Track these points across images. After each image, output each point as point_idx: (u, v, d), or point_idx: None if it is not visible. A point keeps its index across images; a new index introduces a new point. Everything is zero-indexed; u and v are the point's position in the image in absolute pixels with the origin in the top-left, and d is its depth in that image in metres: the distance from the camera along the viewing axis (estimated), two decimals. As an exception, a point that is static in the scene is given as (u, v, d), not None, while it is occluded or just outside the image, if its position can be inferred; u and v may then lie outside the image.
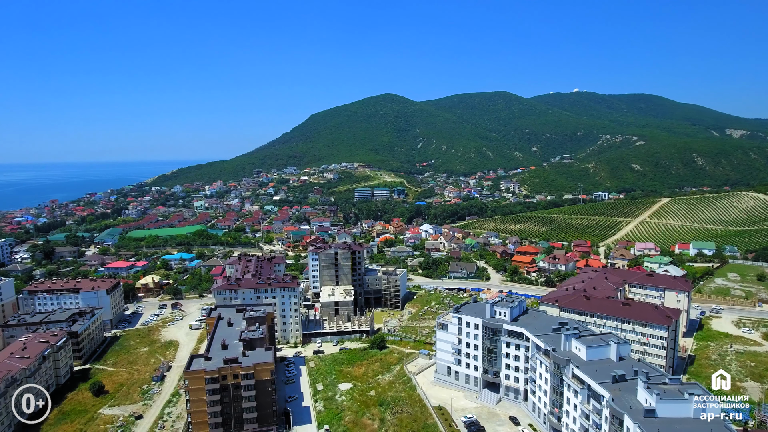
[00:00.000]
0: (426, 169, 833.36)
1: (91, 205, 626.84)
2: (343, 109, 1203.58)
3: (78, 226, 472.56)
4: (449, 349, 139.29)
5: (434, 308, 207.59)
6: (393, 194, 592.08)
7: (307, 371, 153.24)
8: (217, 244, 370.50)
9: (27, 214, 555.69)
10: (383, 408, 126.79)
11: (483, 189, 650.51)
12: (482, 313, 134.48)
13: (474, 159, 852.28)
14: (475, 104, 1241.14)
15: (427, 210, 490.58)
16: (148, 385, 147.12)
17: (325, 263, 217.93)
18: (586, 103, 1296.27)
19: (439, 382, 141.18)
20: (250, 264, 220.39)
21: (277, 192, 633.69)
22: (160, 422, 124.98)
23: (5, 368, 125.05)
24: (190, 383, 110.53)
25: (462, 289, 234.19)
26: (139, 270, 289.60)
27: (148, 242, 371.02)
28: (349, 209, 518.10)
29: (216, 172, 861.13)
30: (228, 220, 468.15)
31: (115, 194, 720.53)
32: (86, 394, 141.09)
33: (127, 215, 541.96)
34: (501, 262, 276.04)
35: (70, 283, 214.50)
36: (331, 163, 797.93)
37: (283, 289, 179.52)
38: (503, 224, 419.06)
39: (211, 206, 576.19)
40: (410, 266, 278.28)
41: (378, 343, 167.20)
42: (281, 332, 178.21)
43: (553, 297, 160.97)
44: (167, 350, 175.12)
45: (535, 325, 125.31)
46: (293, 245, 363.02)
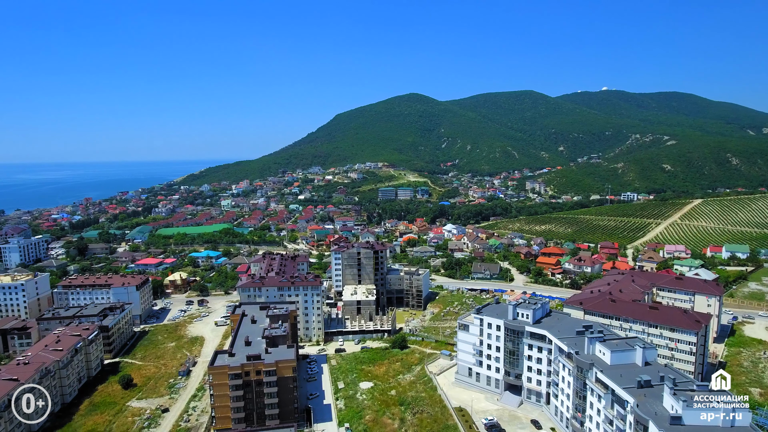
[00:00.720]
0: (450, 168, 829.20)
1: (123, 203, 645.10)
2: (368, 109, 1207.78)
3: (110, 224, 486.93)
4: (470, 350, 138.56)
5: (456, 309, 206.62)
6: (417, 194, 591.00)
7: (328, 369, 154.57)
8: (242, 242, 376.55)
9: (63, 211, 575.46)
10: (403, 408, 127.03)
11: (508, 189, 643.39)
12: (504, 314, 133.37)
13: (499, 159, 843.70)
14: (500, 103, 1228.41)
15: (451, 210, 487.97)
16: (175, 379, 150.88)
17: (347, 262, 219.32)
18: (615, 101, 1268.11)
19: (460, 383, 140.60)
20: (274, 262, 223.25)
21: (302, 191, 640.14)
22: (186, 416, 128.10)
23: (40, 360, 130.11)
24: (214, 378, 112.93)
25: (485, 290, 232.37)
26: (167, 267, 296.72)
27: (176, 240, 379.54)
28: (372, 209, 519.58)
29: (243, 171, 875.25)
30: (254, 219, 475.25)
31: (146, 193, 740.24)
32: (116, 386, 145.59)
33: (157, 213, 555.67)
34: (525, 264, 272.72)
35: (101, 279, 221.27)
36: (356, 162, 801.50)
37: (306, 288, 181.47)
38: (528, 225, 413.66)
39: (237, 205, 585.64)
40: (433, 266, 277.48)
41: (399, 343, 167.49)
42: (304, 330, 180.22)
43: (578, 299, 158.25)
44: (193, 346, 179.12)
45: (559, 328, 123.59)
46: (317, 244, 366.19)
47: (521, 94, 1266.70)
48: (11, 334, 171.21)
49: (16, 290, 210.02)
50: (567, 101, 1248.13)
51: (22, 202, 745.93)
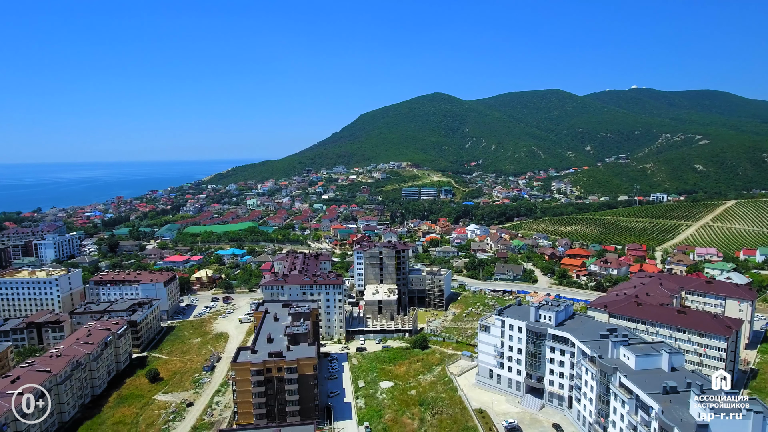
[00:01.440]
0: (474, 168, 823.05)
1: (153, 201, 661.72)
2: (392, 109, 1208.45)
3: (140, 222, 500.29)
4: (492, 351, 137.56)
5: (478, 310, 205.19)
6: (440, 194, 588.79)
7: (349, 368, 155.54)
8: (267, 240, 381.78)
9: (95, 209, 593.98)
10: (423, 408, 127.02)
11: (533, 189, 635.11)
12: (526, 316, 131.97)
13: (524, 159, 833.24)
14: (526, 103, 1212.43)
15: (475, 210, 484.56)
16: (200, 374, 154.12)
17: (369, 262, 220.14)
18: (645, 100, 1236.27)
19: (480, 385, 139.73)
20: (297, 261, 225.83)
21: (326, 191, 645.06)
22: (209, 410, 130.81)
23: (71, 352, 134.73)
24: (236, 374, 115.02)
25: (508, 291, 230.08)
26: (194, 264, 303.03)
27: (203, 238, 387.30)
28: (395, 208, 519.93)
29: (268, 171, 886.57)
30: (278, 218, 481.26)
31: (175, 192, 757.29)
32: (143, 380, 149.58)
33: (185, 212, 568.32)
34: (549, 265, 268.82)
35: (131, 275, 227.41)
36: (379, 162, 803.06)
37: (328, 286, 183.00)
38: (553, 226, 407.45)
39: (263, 204, 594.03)
40: (455, 267, 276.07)
41: (420, 343, 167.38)
42: (325, 328, 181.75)
43: (603, 302, 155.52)
44: (218, 342, 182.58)
45: (582, 331, 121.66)
46: (340, 243, 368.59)
47: (547, 93, 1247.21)
48: (45, 327, 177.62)
49: (50, 285, 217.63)
50: (595, 100, 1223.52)
51: (58, 200, 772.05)
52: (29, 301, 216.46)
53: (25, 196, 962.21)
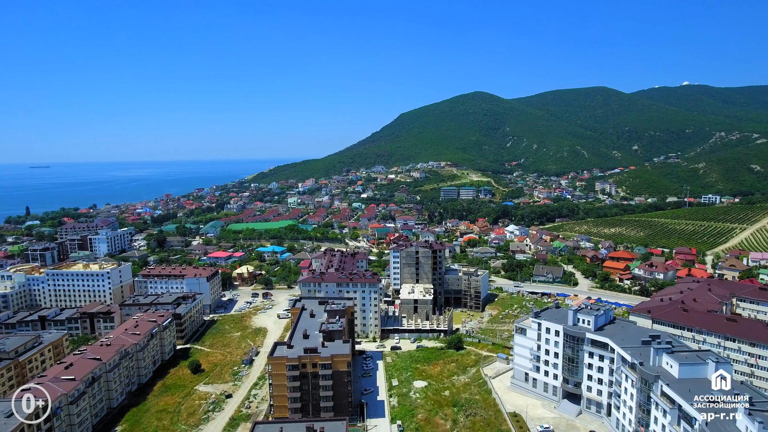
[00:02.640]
0: (515, 168, 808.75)
1: (199, 199, 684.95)
2: (432, 108, 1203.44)
3: (187, 218, 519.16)
4: (527, 354, 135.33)
5: (516, 312, 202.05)
6: (479, 194, 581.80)
7: (383, 366, 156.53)
8: (306, 238, 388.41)
9: (146, 206, 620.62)
10: (456, 409, 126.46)
11: (576, 190, 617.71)
12: (564, 319, 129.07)
13: (567, 158, 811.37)
14: (569, 101, 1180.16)
15: (514, 210, 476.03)
16: (239, 367, 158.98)
17: (406, 261, 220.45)
18: (698, 97, 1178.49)
19: (515, 388, 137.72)
20: (334, 258, 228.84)
21: (365, 190, 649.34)
22: (247, 402, 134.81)
23: (120, 342, 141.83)
24: (273, 368, 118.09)
25: (546, 294, 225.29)
26: (236, 260, 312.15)
27: (245, 235, 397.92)
28: (434, 208, 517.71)
29: (309, 170, 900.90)
30: (318, 216, 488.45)
31: (219, 190, 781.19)
32: (186, 371, 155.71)
33: (228, 209, 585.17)
34: (591, 268, 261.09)
35: (176, 270, 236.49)
36: (419, 162, 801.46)
37: (364, 285, 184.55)
38: (596, 227, 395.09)
39: (303, 202, 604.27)
40: (493, 267, 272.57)
41: (455, 344, 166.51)
42: (361, 326, 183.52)
43: (646, 307, 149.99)
44: (257, 336, 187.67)
45: (622, 336, 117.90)
46: (377, 242, 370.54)
47: (592, 90, 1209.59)
48: (97, 317, 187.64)
49: (102, 277, 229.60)
50: (643, 97, 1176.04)
51: (112, 197, 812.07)
52: (83, 292, 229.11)
53: (82, 194, 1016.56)
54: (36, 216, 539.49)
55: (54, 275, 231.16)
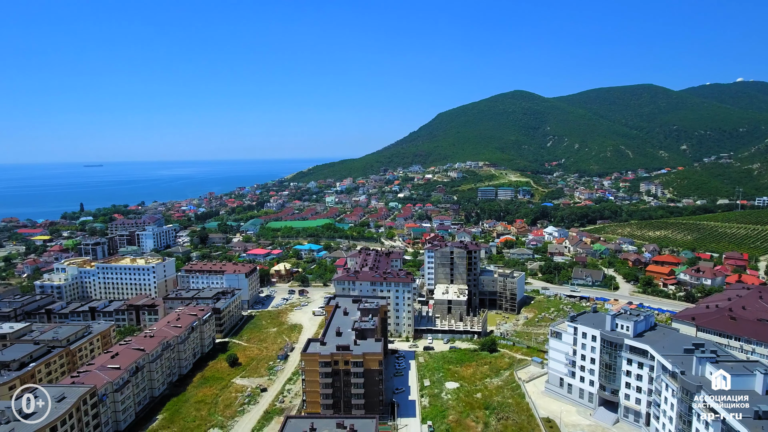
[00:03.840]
0: (555, 168, 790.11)
1: (240, 197, 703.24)
2: (470, 108, 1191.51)
3: (228, 216, 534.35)
4: (563, 359, 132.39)
5: (552, 315, 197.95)
6: (518, 194, 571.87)
7: (416, 366, 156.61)
8: (342, 237, 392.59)
9: (190, 204, 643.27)
10: (488, 412, 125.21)
11: (619, 191, 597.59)
12: (602, 324, 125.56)
13: (610, 158, 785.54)
14: (614, 99, 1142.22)
15: (554, 212, 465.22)
16: (274, 362, 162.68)
17: (440, 261, 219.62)
18: (753, 94, 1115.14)
19: (550, 393, 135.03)
20: (369, 257, 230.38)
21: (402, 189, 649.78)
22: (281, 397, 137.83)
23: (162, 334, 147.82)
24: (306, 364, 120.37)
25: (585, 298, 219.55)
26: (274, 257, 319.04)
27: (283, 233, 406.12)
28: (471, 208, 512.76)
29: (347, 169, 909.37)
30: (355, 215, 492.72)
31: (260, 188, 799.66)
32: (223, 364, 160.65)
33: (268, 207, 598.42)
34: (633, 272, 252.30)
35: (217, 266, 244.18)
36: (456, 161, 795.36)
37: (398, 284, 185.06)
38: (640, 230, 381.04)
39: (340, 201, 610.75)
40: (530, 269, 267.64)
41: (489, 346, 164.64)
42: (394, 325, 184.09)
43: (690, 314, 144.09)
44: (292, 332, 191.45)
45: (663, 344, 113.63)
46: (413, 242, 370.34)
47: (638, 88, 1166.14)
48: (143, 309, 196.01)
49: (148, 272, 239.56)
50: (693, 95, 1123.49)
51: (159, 195, 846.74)
52: (130, 285, 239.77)
53: (132, 191, 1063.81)
54: (89, 212, 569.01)
55: (104, 269, 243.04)
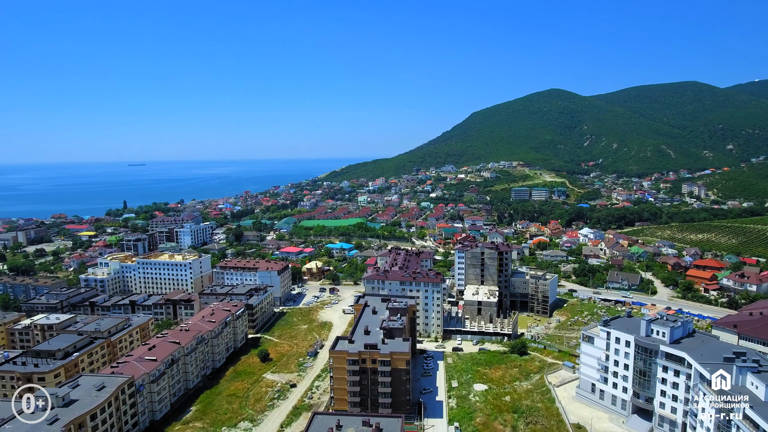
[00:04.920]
0: (592, 168, 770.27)
1: (275, 196, 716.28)
2: (505, 107, 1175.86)
3: (263, 214, 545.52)
4: (595, 364, 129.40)
5: (585, 319, 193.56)
6: (552, 195, 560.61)
7: (444, 367, 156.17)
8: (374, 236, 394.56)
9: (227, 202, 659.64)
10: (517, 415, 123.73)
11: (659, 192, 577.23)
12: (636, 329, 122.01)
13: (650, 158, 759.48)
14: (655, 97, 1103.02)
15: (590, 213, 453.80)
16: (304, 358, 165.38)
17: (471, 262, 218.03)
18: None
19: (581, 399, 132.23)
20: (399, 257, 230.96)
21: (434, 189, 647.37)
22: (310, 393, 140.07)
23: (197, 328, 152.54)
24: (334, 362, 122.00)
25: (620, 302, 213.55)
26: (306, 256, 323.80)
27: (315, 231, 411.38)
28: (504, 209, 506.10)
29: (379, 169, 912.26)
30: (386, 215, 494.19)
31: (294, 188, 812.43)
32: (255, 359, 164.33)
33: (301, 206, 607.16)
34: (672, 276, 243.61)
35: (250, 263, 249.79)
36: (489, 161, 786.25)
37: (427, 284, 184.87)
38: (681, 233, 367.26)
39: (372, 201, 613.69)
40: (563, 272, 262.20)
41: (519, 348, 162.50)
42: (423, 325, 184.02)
43: (732, 321, 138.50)
44: (322, 330, 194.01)
45: (701, 351, 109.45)
46: (444, 242, 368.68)
47: (681, 85, 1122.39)
48: (179, 304, 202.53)
49: (185, 268, 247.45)
50: (740, 92, 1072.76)
51: (197, 193, 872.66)
52: (168, 280, 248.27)
53: (172, 189, 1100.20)
54: (132, 209, 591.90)
55: (143, 264, 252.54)
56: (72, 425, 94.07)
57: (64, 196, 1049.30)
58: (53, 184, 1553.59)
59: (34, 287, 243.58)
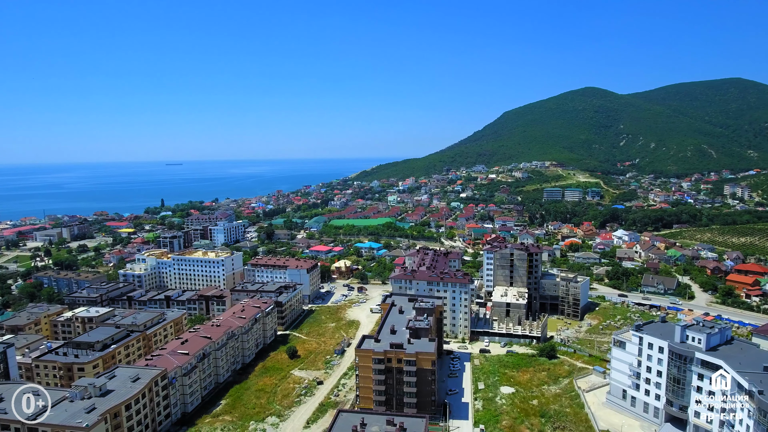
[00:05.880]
0: (629, 169, 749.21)
1: (306, 195, 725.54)
2: (538, 106, 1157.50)
3: (294, 213, 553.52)
4: (626, 370, 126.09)
5: (618, 323, 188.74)
6: (586, 196, 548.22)
7: (470, 368, 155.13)
8: (403, 236, 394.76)
9: (259, 201, 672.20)
10: (544, 420, 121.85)
11: (699, 193, 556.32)
12: (670, 335, 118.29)
13: (690, 158, 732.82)
14: (696, 95, 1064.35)
15: (625, 214, 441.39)
16: (331, 356, 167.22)
17: (499, 263, 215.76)
18: None
19: (611, 405, 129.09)
20: (426, 257, 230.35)
21: (465, 189, 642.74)
22: (336, 391, 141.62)
23: (228, 324, 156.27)
24: (359, 360, 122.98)
25: (655, 306, 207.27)
26: (335, 254, 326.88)
27: (345, 230, 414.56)
28: (535, 209, 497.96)
29: (410, 169, 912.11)
30: (416, 215, 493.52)
31: (325, 187, 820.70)
32: (283, 355, 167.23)
33: (332, 206, 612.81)
34: (711, 280, 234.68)
35: (280, 261, 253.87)
36: (521, 161, 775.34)
37: (455, 284, 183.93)
38: (722, 236, 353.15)
39: (402, 201, 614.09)
40: (595, 274, 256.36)
41: (548, 352, 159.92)
42: (450, 326, 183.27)
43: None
44: (350, 328, 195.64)
45: (740, 360, 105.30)
46: (473, 242, 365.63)
47: (725, 82, 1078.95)
48: (212, 300, 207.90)
49: (217, 265, 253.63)
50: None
51: (231, 192, 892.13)
52: (201, 277, 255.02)
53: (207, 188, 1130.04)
54: (168, 207, 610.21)
55: (178, 260, 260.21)
56: (108, 414, 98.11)
57: (106, 194, 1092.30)
58: (96, 182, 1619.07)
59: (77, 281, 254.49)
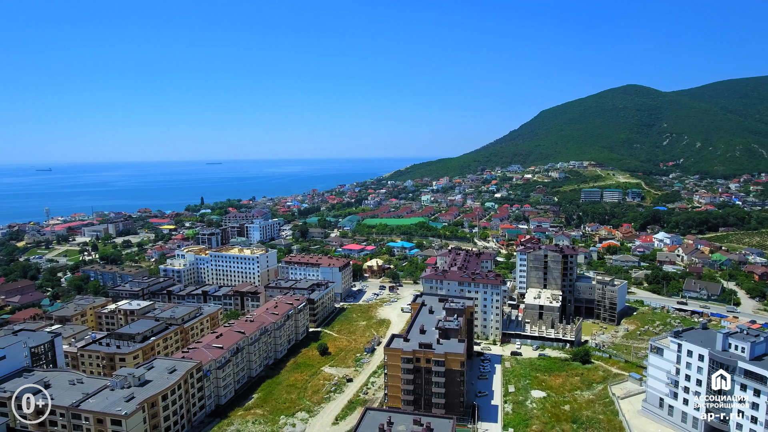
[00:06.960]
0: (672, 169, 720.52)
1: (340, 194, 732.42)
2: (576, 104, 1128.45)
3: (328, 212, 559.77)
4: (663, 378, 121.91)
5: (657, 329, 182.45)
6: (626, 197, 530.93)
7: (501, 370, 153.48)
8: (435, 236, 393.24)
9: (295, 200, 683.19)
10: (576, 426, 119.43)
11: (749, 195, 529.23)
12: (711, 343, 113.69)
13: (739, 158, 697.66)
14: (746, 91, 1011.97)
15: (667, 216, 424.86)
16: (361, 354, 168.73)
17: (533, 264, 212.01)
18: None
19: (647, 413, 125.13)
20: (458, 257, 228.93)
21: (499, 189, 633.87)
22: (365, 388, 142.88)
23: (261, 320, 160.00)
24: (388, 359, 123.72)
25: (697, 312, 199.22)
26: (367, 253, 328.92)
27: (378, 230, 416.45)
28: (572, 210, 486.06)
29: (444, 168, 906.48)
30: (449, 215, 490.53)
31: (359, 186, 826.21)
32: (314, 352, 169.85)
33: (366, 205, 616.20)
34: (759, 286, 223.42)
35: (314, 259, 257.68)
36: (558, 161, 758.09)
37: (486, 285, 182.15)
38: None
39: (435, 200, 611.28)
40: (634, 278, 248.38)
41: (581, 356, 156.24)
42: (481, 327, 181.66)
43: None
44: (380, 327, 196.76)
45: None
46: (507, 243, 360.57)
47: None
48: (246, 296, 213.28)
49: (253, 261, 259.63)
50: None
51: (268, 191, 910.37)
52: (237, 273, 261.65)
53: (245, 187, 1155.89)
54: (208, 205, 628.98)
55: (215, 257, 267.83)
56: (146, 403, 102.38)
57: (149, 192, 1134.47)
58: (140, 181, 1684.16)
59: (120, 275, 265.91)
